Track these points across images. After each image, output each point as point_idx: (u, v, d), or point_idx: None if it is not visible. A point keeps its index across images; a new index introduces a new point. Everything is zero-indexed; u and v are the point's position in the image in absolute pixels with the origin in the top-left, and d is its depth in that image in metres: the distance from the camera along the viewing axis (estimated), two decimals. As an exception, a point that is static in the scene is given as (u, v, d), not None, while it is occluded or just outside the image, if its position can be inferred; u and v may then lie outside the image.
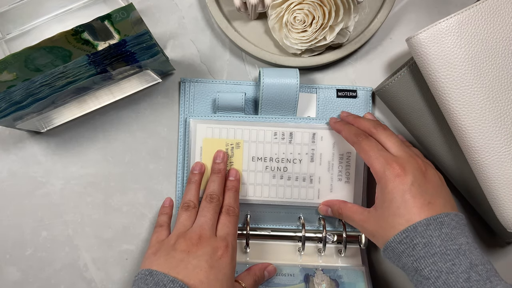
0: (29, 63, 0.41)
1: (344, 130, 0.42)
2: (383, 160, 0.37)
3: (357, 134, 0.41)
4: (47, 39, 0.40)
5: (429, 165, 0.40)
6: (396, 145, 0.39)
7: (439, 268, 0.33)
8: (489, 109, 0.39)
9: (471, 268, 0.32)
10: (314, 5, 0.43)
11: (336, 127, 0.44)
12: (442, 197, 0.37)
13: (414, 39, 0.40)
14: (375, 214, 0.38)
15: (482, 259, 0.33)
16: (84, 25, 0.40)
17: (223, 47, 0.50)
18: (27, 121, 0.41)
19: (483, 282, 0.32)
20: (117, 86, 0.44)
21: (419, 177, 0.37)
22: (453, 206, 0.37)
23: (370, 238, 0.39)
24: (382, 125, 0.42)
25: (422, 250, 0.34)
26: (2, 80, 0.41)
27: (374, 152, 0.38)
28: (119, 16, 0.41)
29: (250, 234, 0.45)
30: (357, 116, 0.44)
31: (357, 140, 0.40)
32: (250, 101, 0.48)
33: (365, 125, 0.42)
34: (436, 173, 0.39)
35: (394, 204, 0.36)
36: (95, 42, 0.44)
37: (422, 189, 0.36)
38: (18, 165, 0.48)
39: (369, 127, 0.41)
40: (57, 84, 0.39)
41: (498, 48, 0.39)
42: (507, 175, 0.40)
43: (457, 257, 0.33)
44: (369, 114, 0.47)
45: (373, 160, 0.38)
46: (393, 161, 0.37)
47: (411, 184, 0.36)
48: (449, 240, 0.34)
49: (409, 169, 0.37)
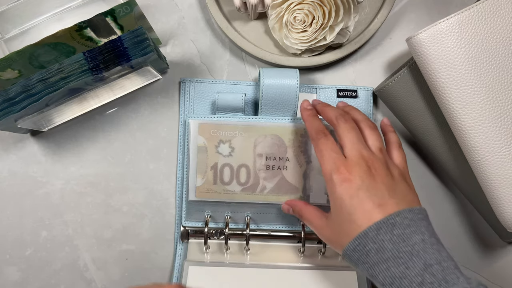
0: (33, 60, 0.41)
1: (307, 122, 0.40)
2: (332, 163, 0.36)
3: (317, 131, 0.38)
4: (51, 36, 0.40)
5: (382, 163, 0.36)
6: (351, 143, 0.37)
7: (392, 273, 0.31)
8: (489, 109, 0.39)
9: (425, 270, 0.31)
10: (314, 5, 0.43)
11: (303, 116, 0.41)
12: (397, 195, 0.35)
13: (414, 39, 0.40)
14: (331, 220, 0.37)
15: (438, 257, 0.32)
16: (87, 21, 0.40)
17: (223, 47, 0.50)
18: (28, 120, 0.41)
19: (437, 284, 0.30)
20: (117, 84, 0.44)
21: (367, 180, 0.35)
22: (411, 201, 0.35)
23: (328, 244, 0.38)
24: (345, 116, 0.39)
25: (375, 256, 0.32)
26: (6, 77, 0.41)
27: (326, 152, 0.37)
28: (122, 11, 0.41)
29: (250, 235, 0.45)
30: (325, 105, 0.42)
31: (315, 137, 0.38)
32: (250, 101, 0.48)
33: (329, 116, 0.39)
34: (393, 169, 0.37)
35: (345, 210, 0.34)
36: (98, 39, 0.44)
37: (371, 192, 0.34)
38: (18, 165, 0.48)
39: (332, 118, 0.39)
40: (51, 80, 0.39)
41: (498, 48, 0.39)
42: (507, 175, 0.40)
43: (410, 260, 0.31)
44: (341, 103, 0.44)
45: (323, 161, 0.37)
46: (341, 164, 0.35)
47: (357, 189, 0.34)
48: (401, 241, 0.32)
49: (356, 172, 0.35)
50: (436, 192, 0.49)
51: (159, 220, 0.47)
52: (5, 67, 0.40)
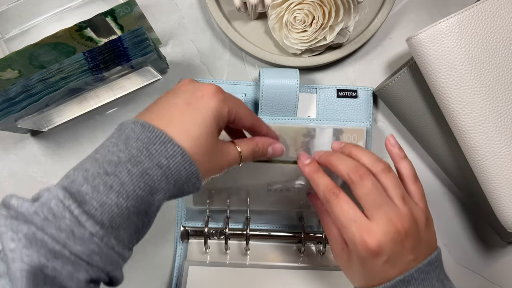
0: (33, 60, 0.41)
1: (311, 181, 0.36)
2: (354, 231, 0.32)
3: (326, 191, 0.34)
4: (51, 36, 0.40)
5: (408, 219, 0.33)
6: (373, 205, 0.33)
7: None
8: (489, 109, 0.39)
9: None
10: (314, 5, 0.43)
11: (304, 173, 0.37)
12: (420, 249, 0.33)
13: (414, 39, 0.40)
14: (350, 257, 0.35)
15: None
16: (87, 21, 0.40)
17: (223, 47, 0.50)
18: (28, 120, 0.41)
19: None
20: (117, 84, 0.44)
21: (396, 249, 0.32)
22: (431, 247, 0.34)
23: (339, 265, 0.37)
24: (359, 170, 0.34)
25: None
26: (6, 77, 0.41)
27: (343, 217, 0.33)
28: (122, 11, 0.41)
29: (250, 235, 0.45)
30: (328, 155, 0.37)
31: (325, 199, 0.34)
32: (250, 101, 0.48)
33: (340, 171, 0.35)
34: (417, 214, 0.34)
35: (366, 267, 0.33)
36: (98, 39, 0.44)
37: (397, 261, 0.32)
38: (18, 165, 0.48)
39: (343, 175, 0.34)
40: (51, 80, 0.39)
41: (498, 48, 0.39)
42: (507, 175, 0.40)
43: None
44: (336, 143, 0.39)
45: (343, 229, 0.33)
46: (365, 233, 0.32)
47: (385, 261, 0.32)
48: None
49: (384, 244, 0.32)
50: (436, 192, 0.49)
51: (159, 220, 0.47)
52: (5, 67, 0.40)
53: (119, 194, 0.27)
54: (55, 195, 0.26)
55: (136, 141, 0.28)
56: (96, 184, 0.27)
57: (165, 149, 0.28)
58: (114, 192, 0.27)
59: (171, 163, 0.28)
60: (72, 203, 0.25)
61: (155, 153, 0.28)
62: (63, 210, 0.25)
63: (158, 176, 0.28)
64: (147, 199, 0.28)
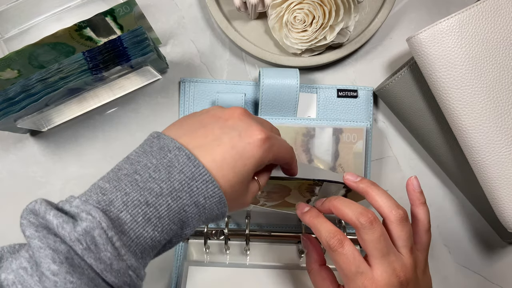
0: (32, 59, 0.41)
1: (313, 228, 0.35)
2: (360, 284, 0.32)
3: (329, 239, 0.33)
4: (51, 35, 0.39)
5: (413, 272, 0.33)
6: (380, 256, 0.32)
7: None
8: (490, 109, 0.39)
9: None
10: (314, 5, 0.43)
11: (305, 221, 0.36)
12: None
13: (415, 39, 0.40)
14: None
15: None
16: (87, 21, 0.40)
17: (223, 47, 0.50)
18: (27, 120, 0.41)
19: None
20: (117, 84, 0.44)
21: None
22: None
23: None
24: (369, 217, 0.32)
25: None
26: (5, 77, 0.41)
27: (347, 269, 0.32)
28: (122, 10, 0.41)
29: (250, 235, 0.45)
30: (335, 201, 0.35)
31: (329, 249, 0.33)
32: (250, 101, 0.48)
33: (348, 217, 0.33)
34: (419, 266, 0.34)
35: None
36: (97, 39, 0.44)
37: None
38: (17, 165, 0.47)
39: (353, 221, 0.33)
40: (50, 80, 0.39)
41: (499, 48, 0.39)
42: (507, 175, 0.40)
43: None
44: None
45: (346, 280, 0.33)
46: (369, 285, 0.31)
47: None
48: None
49: None
50: (436, 192, 0.49)
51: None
52: (5, 67, 0.40)
53: (155, 227, 0.26)
54: (98, 223, 0.24)
55: (180, 173, 0.28)
56: (135, 214, 0.26)
57: (206, 189, 0.28)
58: (151, 225, 0.26)
59: (207, 203, 0.28)
60: (114, 235, 0.25)
61: (196, 191, 0.28)
62: (105, 242, 0.24)
63: (193, 214, 0.28)
64: (178, 232, 0.28)
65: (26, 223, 0.25)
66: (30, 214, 0.25)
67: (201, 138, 0.29)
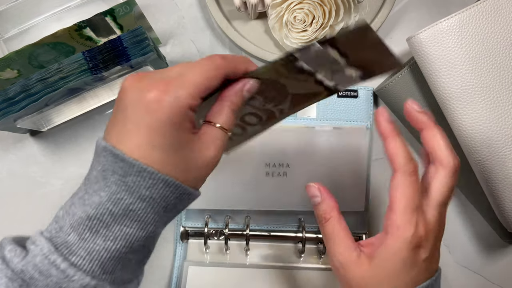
0: (32, 59, 0.41)
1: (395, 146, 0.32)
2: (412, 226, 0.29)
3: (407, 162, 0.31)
4: (51, 35, 0.40)
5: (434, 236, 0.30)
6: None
7: None
8: (490, 109, 0.39)
9: None
10: (314, 5, 0.43)
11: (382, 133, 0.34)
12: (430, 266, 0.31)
13: (415, 39, 0.40)
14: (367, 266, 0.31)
15: None
16: (87, 21, 0.40)
17: (223, 47, 0.50)
18: (27, 120, 0.41)
19: None
20: (117, 84, 0.44)
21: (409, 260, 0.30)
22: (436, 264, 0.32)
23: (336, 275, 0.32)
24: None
25: None
26: (5, 77, 0.41)
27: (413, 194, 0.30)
28: (122, 10, 0.41)
29: (250, 235, 0.45)
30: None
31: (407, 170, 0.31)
32: (250, 101, 0.48)
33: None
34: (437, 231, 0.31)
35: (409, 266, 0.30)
36: (97, 39, 0.44)
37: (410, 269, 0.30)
38: (17, 165, 0.47)
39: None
40: (50, 80, 0.39)
41: (499, 48, 0.39)
42: (507, 175, 0.40)
43: None
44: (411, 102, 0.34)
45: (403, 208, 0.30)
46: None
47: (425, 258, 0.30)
48: None
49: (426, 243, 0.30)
50: (436, 192, 0.49)
51: (159, 220, 0.47)
52: (4, 67, 0.40)
53: (105, 238, 0.25)
54: (40, 250, 0.24)
55: (113, 174, 0.26)
56: (81, 231, 0.25)
57: (143, 179, 0.25)
58: (100, 236, 0.25)
59: (154, 192, 0.26)
60: (57, 257, 0.24)
61: (133, 186, 0.25)
62: (49, 267, 0.24)
63: (142, 210, 0.26)
64: (138, 235, 0.26)
65: None
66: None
67: (120, 126, 0.26)
